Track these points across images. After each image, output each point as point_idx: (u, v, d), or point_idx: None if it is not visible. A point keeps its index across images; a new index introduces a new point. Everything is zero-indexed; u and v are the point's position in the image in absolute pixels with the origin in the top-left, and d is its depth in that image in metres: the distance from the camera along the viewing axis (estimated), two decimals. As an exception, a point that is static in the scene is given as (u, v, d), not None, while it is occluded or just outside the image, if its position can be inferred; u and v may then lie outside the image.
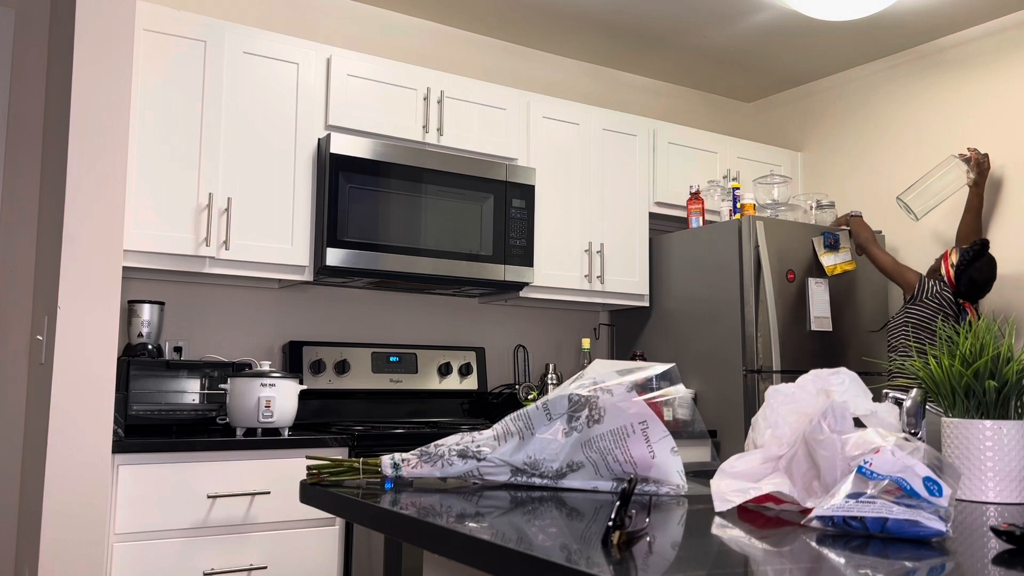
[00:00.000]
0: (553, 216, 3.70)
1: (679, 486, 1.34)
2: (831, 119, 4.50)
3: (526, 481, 1.38)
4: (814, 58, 4.28)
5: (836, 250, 3.73)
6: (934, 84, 4.06)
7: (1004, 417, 1.33)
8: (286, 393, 2.83)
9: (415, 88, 3.41)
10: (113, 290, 2.52)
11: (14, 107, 3.05)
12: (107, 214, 2.53)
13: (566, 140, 3.77)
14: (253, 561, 2.68)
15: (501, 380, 3.94)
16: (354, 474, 1.40)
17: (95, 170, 2.52)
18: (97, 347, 2.48)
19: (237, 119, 3.05)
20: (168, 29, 2.96)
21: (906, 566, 0.84)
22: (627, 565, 0.82)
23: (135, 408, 2.76)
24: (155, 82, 2.92)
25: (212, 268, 2.97)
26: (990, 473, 1.30)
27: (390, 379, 3.51)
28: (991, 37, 3.85)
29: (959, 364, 1.35)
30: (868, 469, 1.04)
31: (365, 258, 3.14)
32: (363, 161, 3.16)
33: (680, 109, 4.66)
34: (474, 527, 1.02)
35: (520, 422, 1.39)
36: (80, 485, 2.43)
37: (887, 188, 4.20)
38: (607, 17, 3.85)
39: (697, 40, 4.08)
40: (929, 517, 0.96)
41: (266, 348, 3.40)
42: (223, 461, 2.66)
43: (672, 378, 1.39)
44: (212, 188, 2.98)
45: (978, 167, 3.59)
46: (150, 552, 2.54)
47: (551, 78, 4.26)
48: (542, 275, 3.63)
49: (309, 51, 3.22)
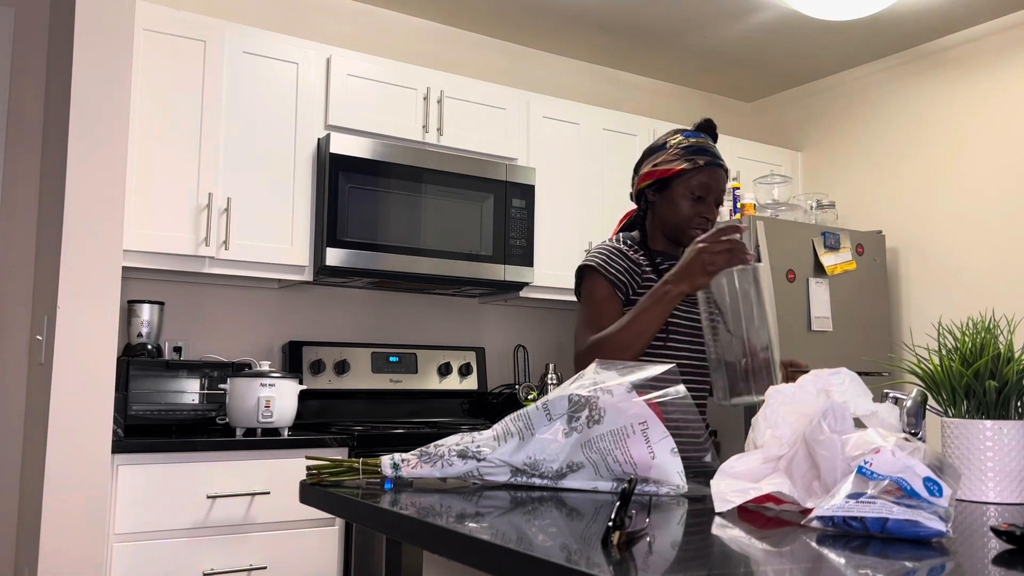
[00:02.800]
0: (553, 216, 3.70)
1: (679, 486, 1.34)
2: (831, 119, 4.50)
3: (526, 481, 1.38)
4: (814, 58, 4.28)
5: (836, 250, 3.73)
6: (934, 84, 4.05)
7: (1004, 417, 1.33)
8: (286, 393, 2.82)
9: (415, 88, 3.41)
10: (113, 290, 2.52)
11: (14, 107, 3.04)
12: (107, 214, 2.53)
13: (566, 140, 3.77)
14: (253, 561, 2.68)
15: (501, 380, 3.94)
16: (354, 474, 1.40)
17: (95, 170, 2.52)
18: (97, 347, 2.48)
19: (237, 119, 3.05)
20: (168, 29, 2.96)
21: (906, 566, 0.83)
22: (627, 565, 0.82)
23: (135, 408, 2.76)
24: (155, 82, 2.92)
25: (212, 268, 2.97)
26: (990, 473, 1.30)
27: (390, 379, 3.51)
28: (991, 37, 3.85)
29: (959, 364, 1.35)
30: (868, 469, 1.04)
31: (365, 258, 3.14)
32: (363, 161, 3.16)
33: (680, 109, 4.66)
34: (474, 527, 1.02)
35: (520, 422, 1.38)
36: (80, 485, 2.43)
37: (887, 188, 4.20)
38: (607, 17, 3.85)
39: (697, 40, 4.08)
40: (929, 517, 0.96)
41: (266, 348, 3.40)
42: (223, 461, 2.66)
43: (672, 378, 1.39)
44: (212, 188, 2.98)
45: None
46: (150, 552, 2.54)
47: (551, 78, 4.26)
48: (542, 275, 3.63)
49: (309, 51, 3.22)
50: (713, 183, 1.93)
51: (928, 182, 4.03)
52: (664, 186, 1.95)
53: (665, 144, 1.97)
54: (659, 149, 1.97)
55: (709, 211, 1.94)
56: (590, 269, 1.93)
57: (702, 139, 1.97)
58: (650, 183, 1.97)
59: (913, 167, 4.10)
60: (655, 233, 2.01)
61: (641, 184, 2.00)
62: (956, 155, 3.93)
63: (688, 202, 1.93)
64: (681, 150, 1.94)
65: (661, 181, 1.95)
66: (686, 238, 1.93)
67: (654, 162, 1.97)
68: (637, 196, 2.04)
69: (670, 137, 1.98)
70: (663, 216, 1.97)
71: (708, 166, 1.92)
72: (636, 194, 2.04)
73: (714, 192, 1.93)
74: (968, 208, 3.86)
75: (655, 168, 1.96)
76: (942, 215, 3.96)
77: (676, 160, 1.93)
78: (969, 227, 3.85)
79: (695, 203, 1.93)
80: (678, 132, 1.99)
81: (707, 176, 1.92)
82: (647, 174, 1.97)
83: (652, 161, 1.97)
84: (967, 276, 3.84)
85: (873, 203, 4.26)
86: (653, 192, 1.98)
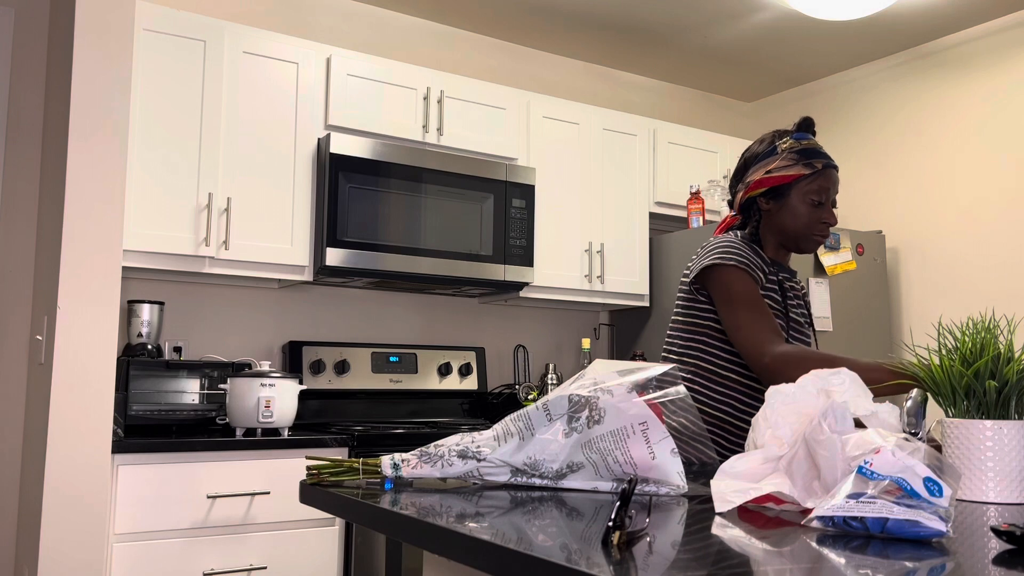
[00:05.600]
0: (553, 216, 3.70)
1: (679, 487, 1.34)
2: (831, 119, 4.50)
3: (526, 482, 1.38)
4: (814, 58, 4.28)
5: (836, 250, 3.73)
6: (934, 84, 4.06)
7: (1004, 417, 1.33)
8: (286, 393, 2.82)
9: (415, 88, 3.41)
10: (113, 290, 2.52)
11: (14, 107, 3.04)
12: (107, 214, 2.53)
13: (566, 140, 3.77)
14: (253, 561, 2.68)
15: (501, 380, 3.94)
16: (354, 474, 1.40)
17: (95, 170, 2.52)
18: (97, 347, 2.48)
19: (237, 119, 3.05)
20: (168, 29, 2.96)
21: (906, 566, 0.83)
22: (627, 565, 0.82)
23: (135, 408, 2.76)
24: (155, 82, 2.92)
25: (212, 268, 2.97)
26: (990, 473, 1.30)
27: (390, 379, 3.51)
28: (991, 37, 3.85)
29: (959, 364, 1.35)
30: (868, 469, 1.04)
31: (365, 258, 3.14)
32: (363, 161, 3.16)
33: (680, 109, 4.66)
34: (474, 527, 1.02)
35: (520, 423, 1.38)
36: (80, 485, 2.43)
37: (887, 188, 4.20)
38: (607, 17, 3.85)
39: (697, 40, 4.08)
40: (929, 517, 0.96)
41: (266, 348, 3.40)
42: (223, 461, 2.66)
43: (673, 379, 1.39)
44: (212, 188, 2.98)
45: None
46: (150, 552, 2.54)
47: (551, 78, 4.26)
48: (542, 275, 3.63)
49: (309, 51, 3.22)
50: (832, 187, 1.87)
51: (928, 182, 4.03)
52: (780, 193, 1.88)
53: (775, 149, 1.89)
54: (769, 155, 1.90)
55: (829, 215, 1.88)
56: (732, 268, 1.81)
57: (812, 140, 1.90)
58: (764, 191, 1.90)
59: (913, 167, 4.10)
60: (768, 240, 1.94)
61: (752, 192, 1.91)
62: (956, 155, 3.93)
63: (808, 208, 1.86)
64: (795, 154, 1.87)
65: (776, 189, 1.88)
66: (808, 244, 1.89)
67: (766, 168, 1.89)
68: (746, 205, 1.95)
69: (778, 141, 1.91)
70: (781, 224, 1.89)
71: (826, 169, 1.86)
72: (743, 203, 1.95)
73: (832, 196, 1.88)
74: (968, 208, 3.86)
75: (769, 175, 1.88)
76: (942, 215, 3.96)
77: (792, 165, 1.86)
78: (969, 227, 3.85)
79: (815, 208, 1.87)
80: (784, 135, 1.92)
81: (826, 179, 1.86)
82: (759, 181, 1.89)
83: (763, 167, 1.89)
84: (967, 276, 3.84)
85: (873, 203, 4.26)
86: (767, 200, 1.90)
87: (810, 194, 1.85)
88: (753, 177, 1.91)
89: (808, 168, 1.85)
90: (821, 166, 1.86)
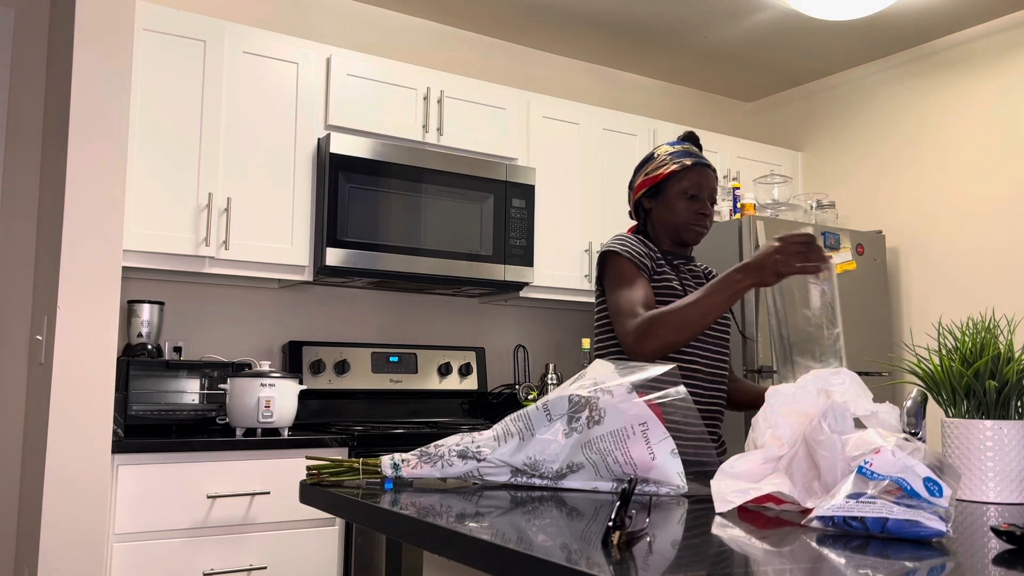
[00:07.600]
0: (553, 216, 3.70)
1: (679, 487, 1.34)
2: (831, 119, 4.50)
3: (526, 482, 1.38)
4: (814, 58, 4.28)
5: (836, 250, 3.73)
6: (934, 84, 4.06)
7: (1004, 417, 1.33)
8: (286, 393, 2.82)
9: (415, 88, 3.41)
10: (113, 290, 2.52)
11: (14, 107, 3.04)
12: (107, 214, 2.53)
13: (566, 140, 3.77)
14: (253, 561, 2.68)
15: (501, 380, 3.94)
16: (354, 474, 1.40)
17: (95, 170, 2.52)
18: (97, 347, 2.48)
19: (237, 119, 3.05)
20: (168, 29, 2.96)
21: (906, 566, 0.83)
22: (627, 565, 0.82)
23: (135, 408, 2.76)
24: (155, 82, 2.92)
25: (212, 268, 2.97)
26: (990, 473, 1.30)
27: (390, 379, 3.51)
28: (991, 37, 3.85)
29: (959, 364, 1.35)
30: (868, 469, 1.04)
31: (365, 258, 3.14)
32: (363, 161, 3.16)
33: (680, 109, 4.66)
34: (474, 527, 1.02)
35: (520, 423, 1.38)
36: (80, 485, 2.43)
37: (887, 188, 4.20)
38: (607, 17, 3.85)
39: (697, 40, 4.08)
40: (929, 517, 0.96)
41: (266, 348, 3.40)
42: (223, 461, 2.66)
43: (673, 379, 1.39)
44: (212, 188, 2.98)
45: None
46: (150, 552, 2.54)
47: (551, 78, 4.26)
48: (542, 275, 3.63)
49: (309, 51, 3.22)
50: (703, 180, 2.04)
51: (928, 182, 4.03)
52: (658, 191, 2.06)
53: (653, 155, 2.10)
54: (648, 161, 2.11)
55: (704, 208, 2.04)
56: (613, 254, 1.98)
57: (687, 145, 2.11)
58: (645, 191, 2.08)
59: (913, 167, 4.10)
60: (658, 237, 2.10)
61: (637, 195, 2.11)
62: (956, 155, 3.93)
63: (683, 202, 2.03)
64: (668, 156, 2.07)
65: (655, 187, 2.06)
66: (689, 235, 2.04)
67: (645, 171, 2.09)
68: (636, 208, 2.13)
69: (656, 149, 2.12)
70: (662, 219, 2.07)
71: (696, 166, 2.04)
72: (634, 206, 2.14)
73: (706, 189, 2.04)
74: (968, 208, 3.86)
75: (647, 177, 2.08)
76: (942, 215, 3.96)
77: (665, 165, 2.06)
78: (969, 227, 3.85)
79: (690, 202, 2.03)
80: (664, 144, 2.13)
81: (697, 175, 2.03)
82: (641, 183, 2.09)
83: (643, 172, 2.10)
84: (967, 276, 3.84)
85: (873, 203, 4.26)
86: (649, 199, 2.09)
87: (684, 189, 2.02)
88: (636, 181, 2.12)
89: (679, 165, 2.03)
90: (691, 163, 2.04)
